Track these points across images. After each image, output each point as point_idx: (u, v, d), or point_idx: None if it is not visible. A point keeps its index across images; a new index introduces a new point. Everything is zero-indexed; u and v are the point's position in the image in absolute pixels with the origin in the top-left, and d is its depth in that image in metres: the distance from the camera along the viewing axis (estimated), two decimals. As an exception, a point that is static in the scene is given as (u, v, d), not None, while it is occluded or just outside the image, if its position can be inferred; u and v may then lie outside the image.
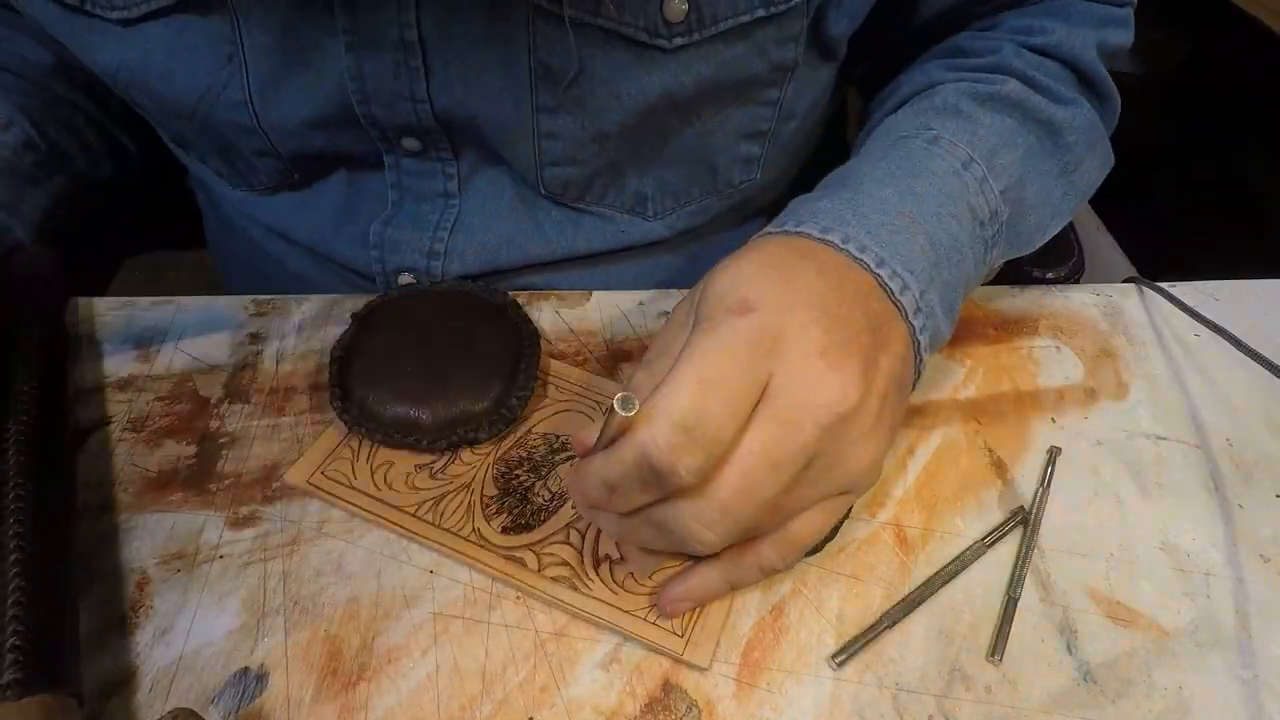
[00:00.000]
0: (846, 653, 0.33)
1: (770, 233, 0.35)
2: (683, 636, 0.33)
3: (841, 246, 0.33)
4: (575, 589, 0.34)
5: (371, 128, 0.42)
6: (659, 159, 0.44)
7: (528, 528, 0.36)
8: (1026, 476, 0.39)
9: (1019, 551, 0.36)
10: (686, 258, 0.51)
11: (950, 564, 0.36)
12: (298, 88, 0.40)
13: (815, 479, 0.30)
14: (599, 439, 0.29)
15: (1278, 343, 0.41)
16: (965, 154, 0.38)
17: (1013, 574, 0.36)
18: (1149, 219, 1.02)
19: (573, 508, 0.36)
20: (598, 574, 0.34)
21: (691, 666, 0.32)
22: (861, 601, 0.35)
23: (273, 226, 0.50)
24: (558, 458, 0.38)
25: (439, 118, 0.41)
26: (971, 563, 0.36)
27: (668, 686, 0.32)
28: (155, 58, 0.40)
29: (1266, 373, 0.38)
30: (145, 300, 0.44)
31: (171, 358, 0.42)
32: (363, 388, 0.38)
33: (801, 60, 0.41)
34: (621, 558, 0.35)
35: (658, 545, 0.31)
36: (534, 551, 0.35)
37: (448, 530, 0.35)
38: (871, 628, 0.33)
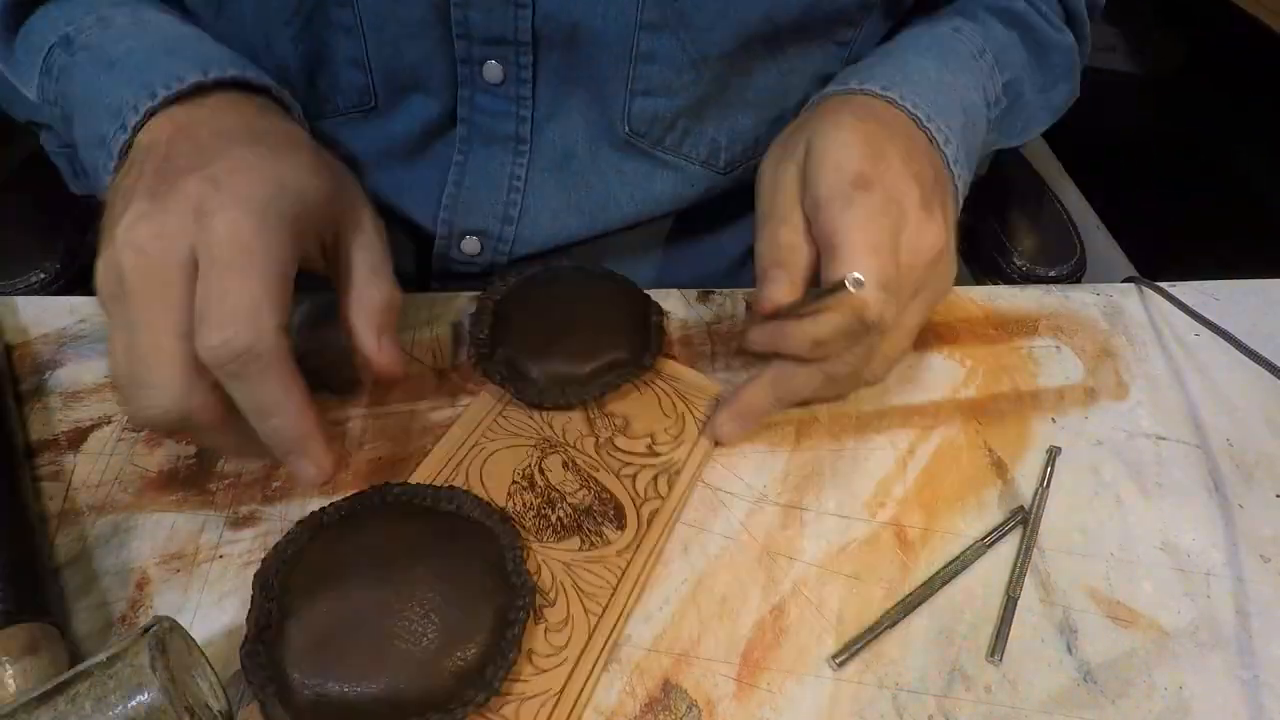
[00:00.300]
0: (847, 653, 0.33)
1: (835, 91, 0.41)
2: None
3: (900, 103, 0.39)
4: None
5: (462, 39, 0.41)
6: (739, 102, 0.46)
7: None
8: (1026, 476, 0.39)
9: (1019, 551, 0.36)
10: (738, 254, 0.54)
11: (950, 564, 0.36)
12: None
13: (927, 301, 0.38)
14: (801, 305, 0.35)
15: (1278, 343, 0.41)
16: (981, 44, 0.45)
17: (1012, 574, 0.36)
18: (1149, 219, 1.02)
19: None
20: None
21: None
22: (861, 601, 0.35)
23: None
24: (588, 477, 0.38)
25: (536, 30, 0.41)
26: (972, 562, 0.36)
27: (668, 686, 0.32)
28: None
29: (1266, 373, 0.38)
30: (145, 300, 0.44)
31: (171, 358, 0.42)
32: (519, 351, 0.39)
33: (882, 2, 0.45)
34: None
35: (844, 375, 0.37)
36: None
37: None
38: (871, 628, 0.33)
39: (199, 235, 0.29)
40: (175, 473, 0.37)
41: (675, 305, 0.45)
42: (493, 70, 0.42)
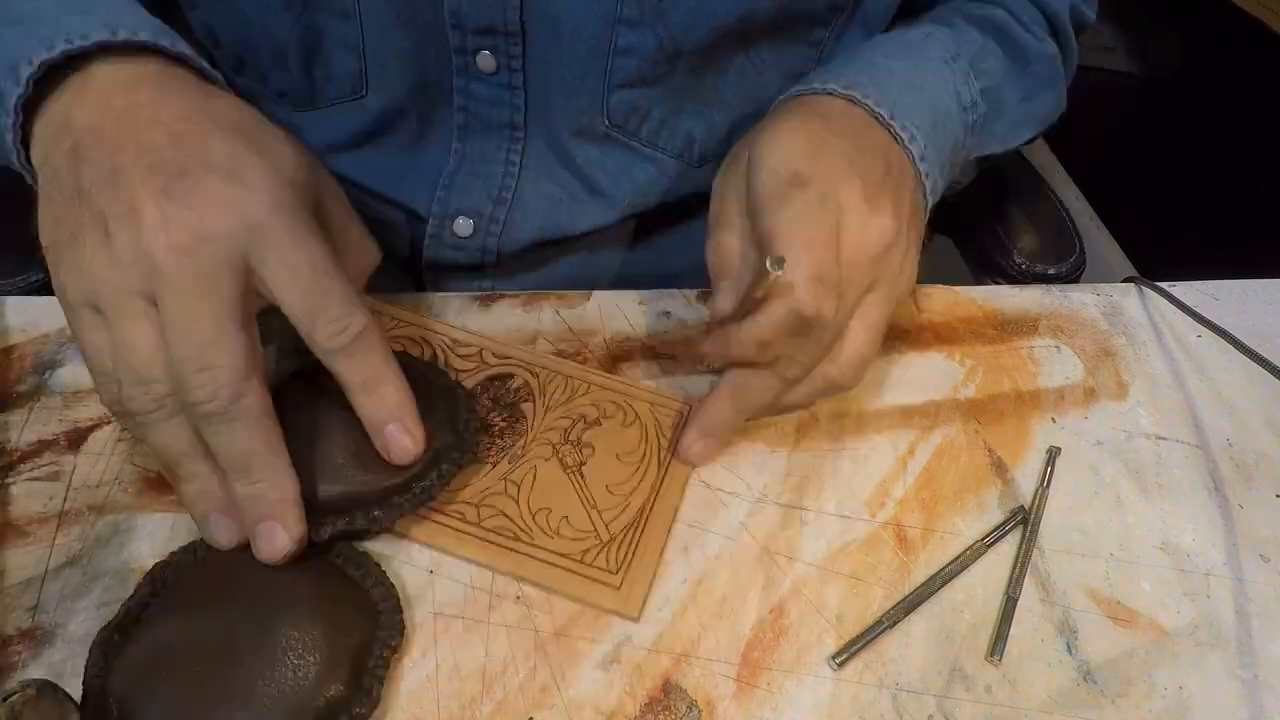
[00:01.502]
0: (847, 653, 0.33)
1: (796, 93, 0.41)
2: (617, 575, 0.34)
3: (862, 101, 0.39)
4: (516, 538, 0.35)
5: (455, 29, 0.42)
6: (714, 97, 0.46)
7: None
8: (1026, 476, 0.39)
9: (1018, 551, 0.36)
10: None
11: (950, 564, 0.36)
12: None
13: (883, 298, 0.37)
14: (739, 307, 0.35)
15: (1278, 343, 0.41)
16: (954, 49, 0.45)
17: (1012, 574, 0.36)
18: (1149, 219, 1.02)
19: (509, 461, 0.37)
20: (535, 522, 0.35)
21: (623, 616, 0.33)
22: (861, 601, 0.35)
23: (326, 154, 0.48)
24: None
25: (524, 21, 0.42)
26: (971, 563, 0.36)
27: (668, 686, 0.32)
28: None
29: (1266, 373, 0.38)
30: (145, 300, 0.44)
31: (171, 357, 0.42)
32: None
33: (854, 7, 0.45)
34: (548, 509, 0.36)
35: (799, 376, 0.36)
36: (474, 507, 0.36)
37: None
38: (871, 628, 0.33)
39: (252, 240, 0.30)
40: (175, 473, 0.37)
41: (675, 305, 0.45)
42: (485, 60, 0.43)
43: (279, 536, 0.31)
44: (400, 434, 0.33)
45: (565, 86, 0.45)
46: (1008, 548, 0.37)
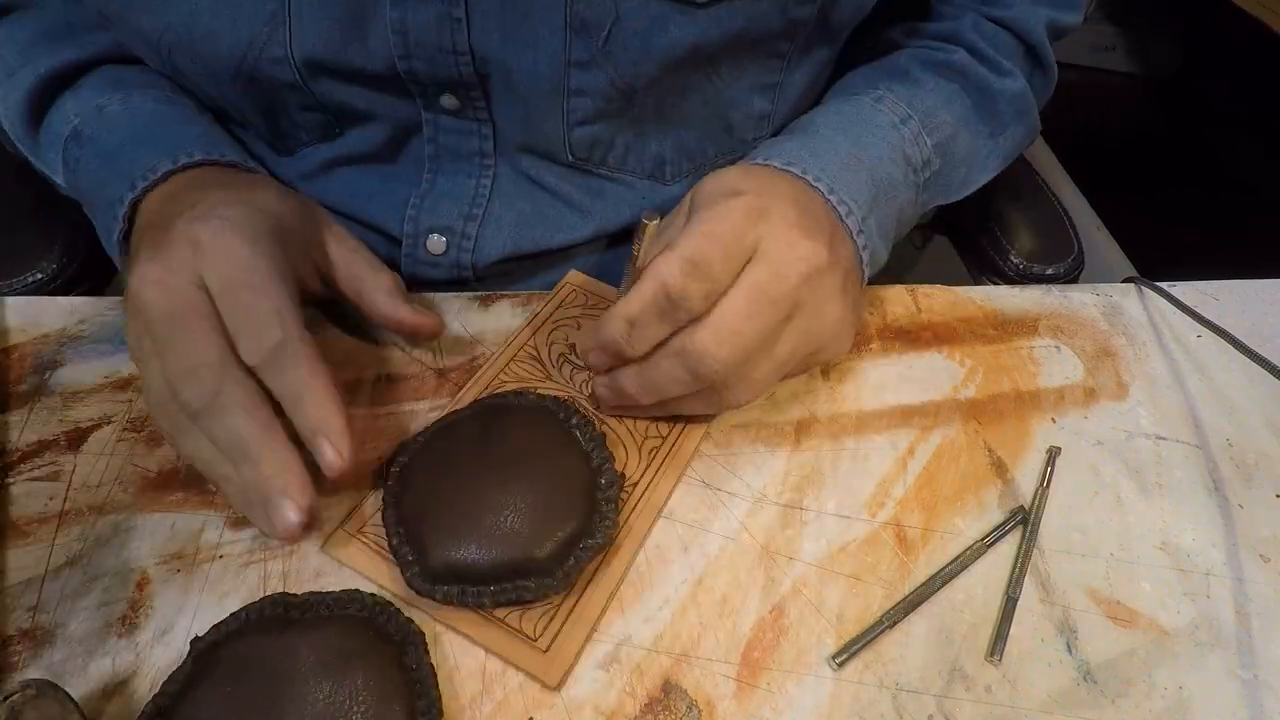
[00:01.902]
0: (847, 652, 0.33)
1: (741, 164, 0.42)
2: (537, 641, 0.32)
3: (800, 176, 0.40)
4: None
5: (413, 84, 0.43)
6: (679, 118, 0.46)
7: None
8: (1026, 476, 0.39)
9: (1019, 551, 0.36)
10: None
11: (950, 564, 0.36)
12: (341, 43, 0.41)
13: (800, 329, 0.36)
14: (621, 288, 0.36)
15: (1278, 343, 0.41)
16: (905, 111, 0.45)
17: (1012, 574, 0.36)
18: (1149, 219, 1.02)
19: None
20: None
21: (544, 684, 0.31)
22: (861, 601, 0.35)
23: (301, 187, 0.50)
24: None
25: (478, 71, 0.42)
26: (971, 563, 0.36)
27: (668, 686, 0.32)
28: (200, 19, 0.40)
29: (1266, 373, 0.38)
30: (145, 300, 0.44)
31: (171, 358, 0.42)
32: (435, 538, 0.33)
33: (815, 23, 0.45)
34: None
35: (675, 377, 0.35)
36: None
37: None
38: (871, 628, 0.33)
39: (201, 264, 0.33)
40: (175, 473, 0.37)
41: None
42: (450, 101, 0.44)
43: (285, 508, 0.31)
44: (324, 448, 0.32)
45: (528, 125, 0.45)
46: (1008, 548, 0.37)
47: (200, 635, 0.30)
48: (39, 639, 0.32)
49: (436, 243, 0.48)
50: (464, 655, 0.32)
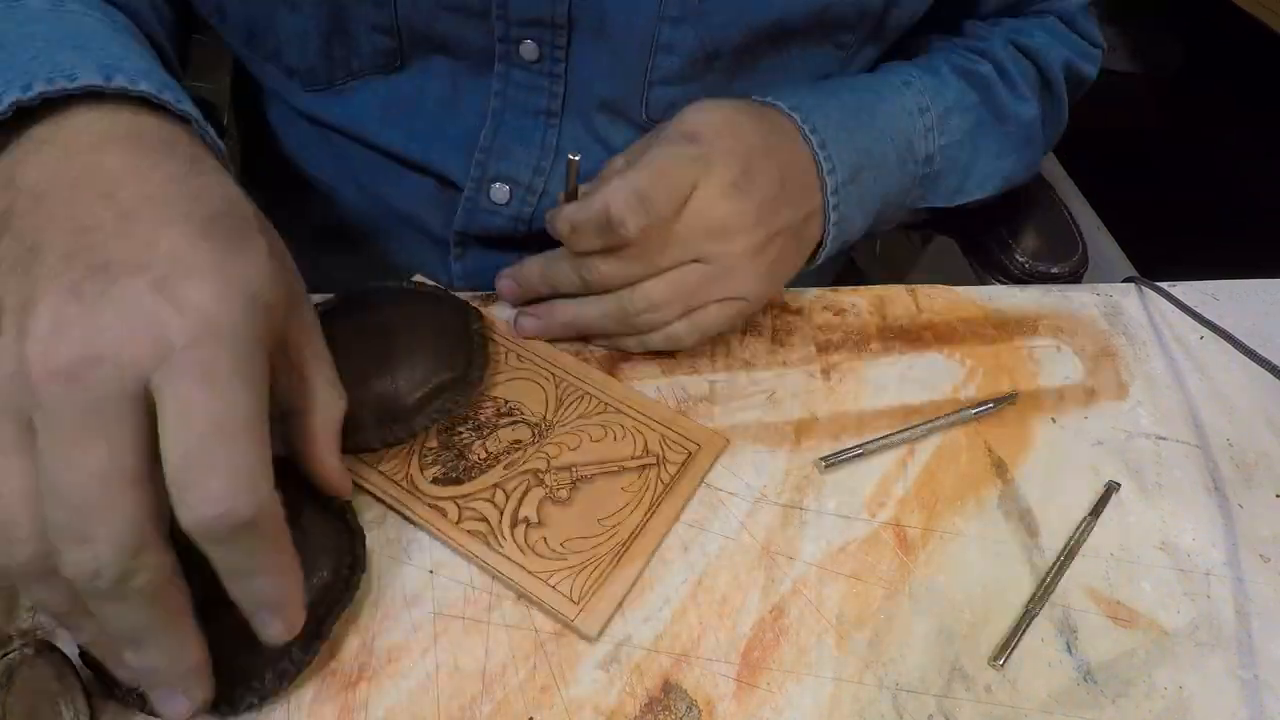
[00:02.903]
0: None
1: (752, 98, 0.43)
2: (578, 604, 0.33)
3: (800, 124, 0.42)
4: (487, 545, 0.35)
5: (500, 20, 0.42)
6: (743, 93, 0.46)
7: (457, 481, 0.37)
8: (1027, 476, 0.39)
9: (1049, 571, 0.36)
10: None
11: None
12: None
13: (705, 272, 0.39)
14: (566, 194, 0.40)
15: (1278, 343, 0.41)
16: (925, 103, 0.46)
17: (1037, 591, 0.35)
18: (1149, 219, 1.02)
19: (504, 468, 0.38)
20: (511, 534, 0.35)
21: (581, 635, 0.33)
22: (861, 601, 0.35)
23: (348, 128, 0.48)
24: (502, 422, 0.39)
25: (572, 14, 0.42)
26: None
27: (668, 686, 0.32)
28: None
29: (1266, 373, 0.38)
30: (145, 300, 0.44)
31: (171, 357, 0.42)
32: None
33: (882, 15, 0.46)
34: (538, 523, 0.36)
35: (592, 281, 0.39)
36: (457, 504, 0.36)
37: (383, 474, 0.37)
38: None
39: (162, 374, 0.23)
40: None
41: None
42: (529, 49, 0.43)
43: (179, 703, 0.26)
44: (271, 620, 0.27)
45: (607, 79, 0.45)
46: (1016, 553, 0.37)
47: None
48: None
49: (500, 191, 0.47)
50: (464, 655, 0.32)
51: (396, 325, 0.39)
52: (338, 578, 0.32)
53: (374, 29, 0.43)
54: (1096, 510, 0.38)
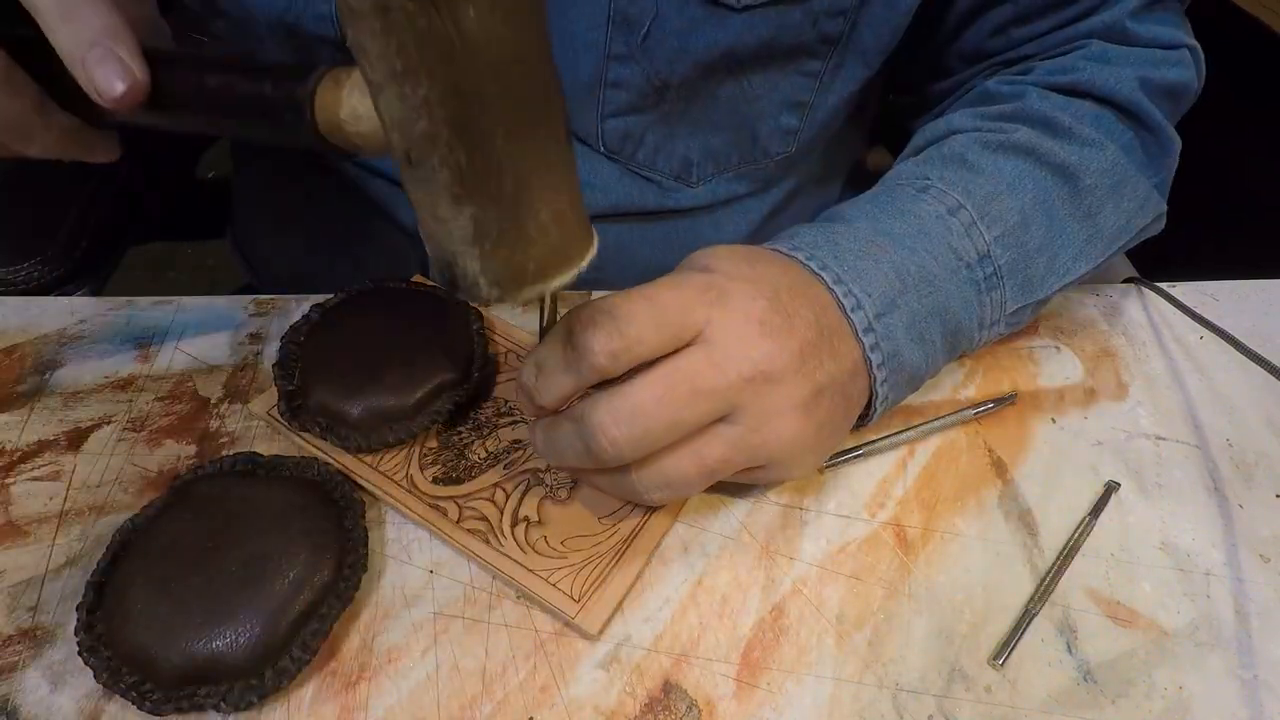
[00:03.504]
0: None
1: (744, 246, 0.37)
2: (578, 602, 0.33)
3: (805, 263, 0.36)
4: (488, 543, 0.35)
5: None
6: (708, 121, 0.46)
7: (457, 481, 0.37)
8: (1026, 476, 0.39)
9: (1048, 571, 0.36)
10: (712, 225, 0.53)
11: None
12: None
13: (735, 438, 0.32)
14: (543, 327, 0.33)
15: (1278, 343, 0.41)
16: (955, 201, 0.39)
17: (1037, 589, 0.35)
18: (1149, 219, 1.02)
19: (504, 468, 0.37)
20: (512, 533, 0.35)
21: (581, 634, 0.33)
22: (861, 601, 0.35)
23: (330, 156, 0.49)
24: (502, 421, 0.39)
25: None
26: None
27: (668, 686, 0.32)
28: None
29: (1266, 373, 0.38)
30: (145, 300, 0.44)
31: (171, 357, 0.42)
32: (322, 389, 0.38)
33: (847, 39, 0.44)
34: (538, 521, 0.36)
35: (570, 445, 0.32)
36: (457, 504, 0.36)
37: (383, 473, 0.37)
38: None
39: None
40: (175, 473, 0.37)
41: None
42: None
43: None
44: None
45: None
46: (1016, 551, 0.37)
47: (180, 475, 0.36)
48: (39, 639, 0.32)
49: None
50: (464, 655, 0.32)
51: (397, 326, 0.40)
52: (338, 577, 0.32)
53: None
54: (1096, 510, 0.38)
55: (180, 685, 0.29)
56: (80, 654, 0.30)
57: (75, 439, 0.38)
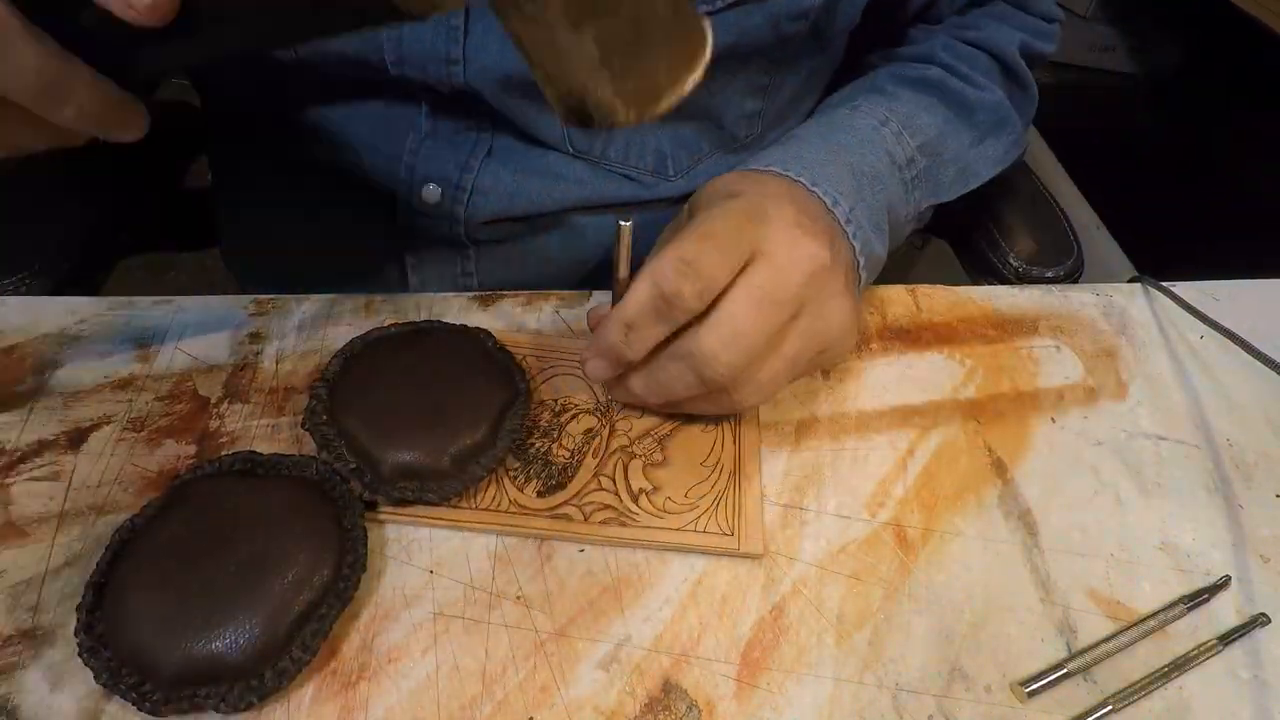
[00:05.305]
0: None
1: (735, 170, 0.41)
2: (733, 535, 0.35)
3: (782, 173, 0.40)
4: (625, 526, 0.36)
5: (405, 84, 0.44)
6: (674, 116, 0.46)
7: (560, 487, 0.37)
8: (1026, 476, 0.39)
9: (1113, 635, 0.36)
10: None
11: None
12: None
13: (806, 329, 0.36)
14: (613, 299, 0.36)
15: (1278, 343, 0.41)
16: (883, 115, 0.46)
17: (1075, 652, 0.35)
18: (1149, 219, 1.02)
19: (593, 456, 0.38)
20: (638, 505, 0.36)
21: (751, 556, 0.35)
22: (861, 601, 0.35)
23: (300, 158, 0.51)
24: (563, 419, 0.40)
25: (470, 81, 0.43)
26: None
27: (668, 686, 0.32)
28: None
29: (1267, 372, 0.38)
30: (145, 300, 0.44)
31: (171, 357, 0.42)
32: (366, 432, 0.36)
33: (805, 33, 0.47)
34: (654, 488, 0.37)
35: (682, 382, 0.35)
36: (576, 505, 0.36)
37: (486, 509, 0.36)
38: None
39: None
40: (175, 473, 0.37)
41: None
42: (446, 86, 0.45)
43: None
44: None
45: (526, 120, 0.46)
46: (1012, 551, 0.37)
47: (179, 475, 0.35)
48: (39, 639, 0.32)
49: (432, 192, 0.48)
50: (464, 655, 0.32)
51: (435, 368, 0.39)
52: (338, 577, 0.32)
53: (301, 82, 0.46)
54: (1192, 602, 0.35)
55: (180, 685, 0.29)
56: (80, 654, 0.30)
57: (75, 439, 0.38)
